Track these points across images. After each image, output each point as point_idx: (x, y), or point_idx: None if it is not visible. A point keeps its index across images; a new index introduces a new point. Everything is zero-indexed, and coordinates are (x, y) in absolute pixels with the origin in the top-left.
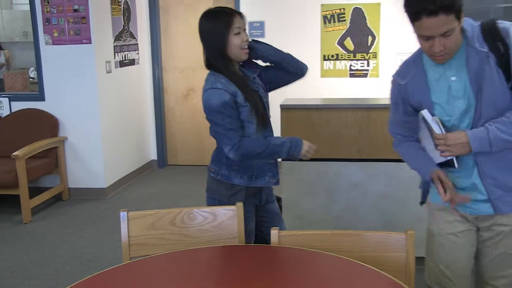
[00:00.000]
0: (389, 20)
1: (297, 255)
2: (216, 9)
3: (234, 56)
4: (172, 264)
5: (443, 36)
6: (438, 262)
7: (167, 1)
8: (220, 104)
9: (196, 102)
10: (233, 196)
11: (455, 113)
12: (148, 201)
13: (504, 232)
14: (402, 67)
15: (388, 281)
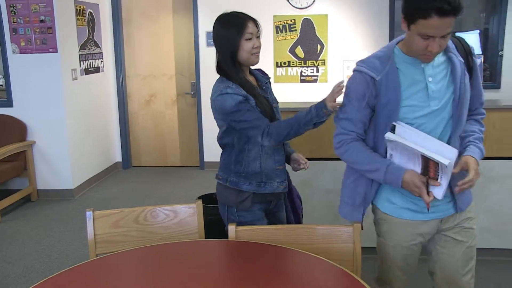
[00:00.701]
0: (336, 30)
1: (253, 248)
2: (230, 14)
3: (244, 61)
4: (136, 260)
5: (442, 37)
6: (394, 267)
7: (129, 12)
8: (234, 105)
9: (158, 107)
10: (242, 202)
11: (425, 112)
12: (113, 200)
13: (463, 226)
14: (374, 62)
15: (337, 270)
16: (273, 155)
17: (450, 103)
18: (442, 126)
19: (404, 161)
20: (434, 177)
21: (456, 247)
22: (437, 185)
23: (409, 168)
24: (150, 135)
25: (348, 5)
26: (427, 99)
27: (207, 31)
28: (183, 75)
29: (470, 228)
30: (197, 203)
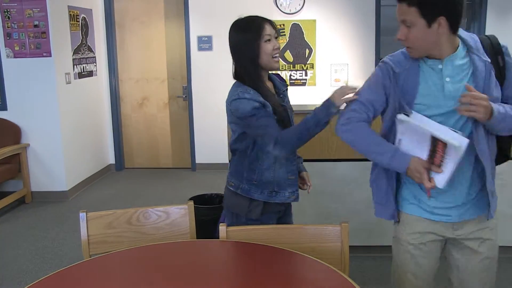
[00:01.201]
0: (324, 35)
1: (243, 248)
2: (245, 18)
3: (265, 64)
4: (129, 260)
5: (405, 26)
6: (406, 270)
7: (122, 17)
8: (250, 110)
9: (150, 110)
10: (251, 211)
11: (440, 112)
12: (106, 202)
13: (481, 237)
14: (399, 56)
15: (325, 269)
16: (286, 164)
17: None
18: (460, 126)
19: (413, 147)
20: (438, 164)
21: (471, 257)
22: (439, 172)
23: (416, 155)
24: (143, 138)
25: (335, 10)
26: (443, 98)
27: (198, 35)
28: (175, 78)
29: (488, 239)
30: (189, 204)
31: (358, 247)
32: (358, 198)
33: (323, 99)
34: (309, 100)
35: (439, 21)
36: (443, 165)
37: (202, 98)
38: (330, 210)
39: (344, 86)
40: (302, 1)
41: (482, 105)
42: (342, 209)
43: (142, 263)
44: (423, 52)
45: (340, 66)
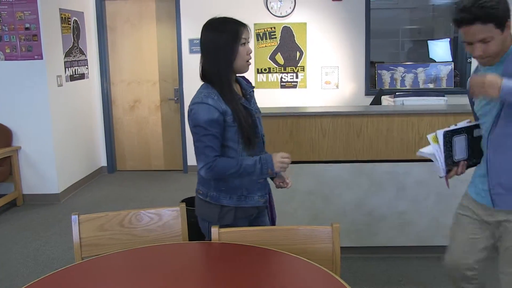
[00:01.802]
0: (314, 37)
1: (235, 250)
2: (221, 19)
3: (239, 68)
4: (121, 262)
5: (482, 42)
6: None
7: (114, 20)
8: (206, 121)
9: (142, 112)
10: (223, 217)
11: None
12: (98, 204)
13: (508, 228)
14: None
15: (317, 270)
16: None
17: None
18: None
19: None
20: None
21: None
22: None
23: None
24: (135, 140)
25: (326, 14)
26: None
27: (190, 38)
28: (167, 81)
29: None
30: (181, 206)
31: (349, 248)
32: (348, 199)
33: (314, 102)
34: (300, 102)
35: (507, 24)
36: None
37: None
38: (321, 212)
39: (284, 155)
40: (292, 4)
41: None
42: (332, 210)
43: (134, 266)
44: (497, 58)
45: (330, 68)
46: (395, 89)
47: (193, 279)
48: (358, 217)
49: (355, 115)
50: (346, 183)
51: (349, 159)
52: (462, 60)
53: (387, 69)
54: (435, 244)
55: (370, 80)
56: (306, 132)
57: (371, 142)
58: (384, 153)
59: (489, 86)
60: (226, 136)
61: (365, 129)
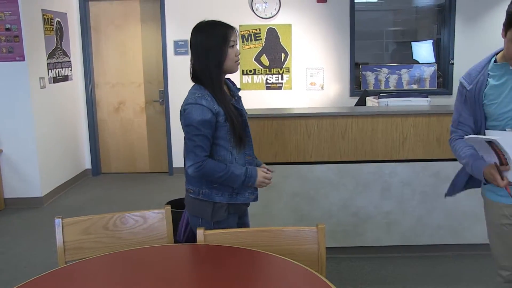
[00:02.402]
0: (299, 39)
1: (221, 251)
2: (211, 22)
3: (228, 68)
4: (105, 266)
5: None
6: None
7: (98, 21)
8: (199, 121)
9: (127, 114)
10: (216, 213)
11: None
12: (83, 207)
13: None
14: (471, 72)
15: (302, 271)
16: (245, 166)
17: None
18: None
19: (488, 156)
20: (505, 163)
21: None
22: (507, 169)
23: (492, 162)
24: (119, 142)
25: (310, 15)
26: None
27: (175, 40)
28: (151, 83)
29: None
30: (166, 209)
31: (335, 248)
32: (334, 200)
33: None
34: (285, 104)
35: None
36: (509, 162)
37: (179, 102)
38: (307, 213)
39: (267, 176)
40: (277, 5)
41: None
42: (318, 211)
43: (119, 269)
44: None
45: (315, 70)
46: (380, 90)
47: (178, 282)
48: (344, 217)
49: (340, 116)
50: (332, 184)
51: (334, 160)
52: (444, 62)
53: (371, 70)
54: (420, 243)
55: (355, 81)
56: (291, 133)
57: (356, 143)
58: (369, 153)
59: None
60: (217, 135)
61: (350, 130)
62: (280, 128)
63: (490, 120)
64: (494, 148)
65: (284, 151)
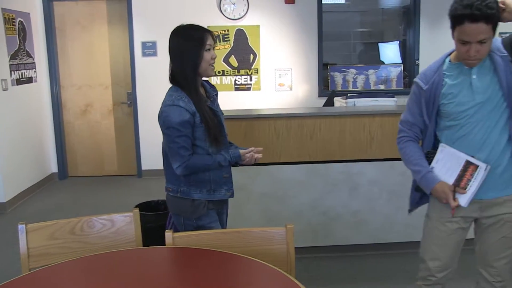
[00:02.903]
0: (268, 40)
1: (189, 254)
2: (188, 26)
3: (204, 72)
4: (71, 271)
5: (479, 43)
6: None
7: (63, 22)
8: (179, 122)
9: (94, 116)
10: (195, 210)
11: (471, 104)
12: (49, 212)
13: (503, 219)
14: (426, 72)
15: (272, 271)
16: None
17: (498, 95)
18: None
19: (442, 173)
20: (463, 186)
21: (492, 233)
22: (463, 193)
23: (443, 179)
24: (87, 145)
25: (279, 16)
26: (472, 94)
27: (143, 41)
28: (119, 85)
29: (509, 222)
30: (134, 212)
31: (305, 248)
32: (303, 200)
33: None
34: (254, 105)
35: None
36: (468, 187)
37: (147, 104)
38: (276, 213)
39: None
40: (246, 7)
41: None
42: (288, 211)
43: (87, 274)
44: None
45: (284, 70)
46: (347, 91)
47: (148, 285)
48: (313, 217)
49: (308, 116)
50: (301, 184)
51: (303, 160)
52: (410, 62)
53: (339, 71)
54: (389, 241)
55: (323, 82)
56: (260, 134)
57: (325, 143)
58: (337, 153)
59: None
60: (194, 136)
61: (319, 130)
62: (249, 129)
63: (447, 119)
64: (464, 170)
65: None
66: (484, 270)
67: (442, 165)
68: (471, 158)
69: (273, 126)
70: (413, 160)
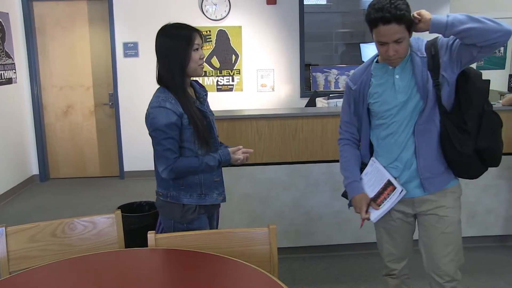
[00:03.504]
0: (250, 41)
1: (172, 255)
2: (175, 25)
3: (192, 72)
4: (52, 274)
5: (396, 43)
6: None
7: (43, 22)
8: (166, 124)
9: (75, 118)
10: (185, 215)
11: (394, 104)
12: (30, 215)
13: (438, 215)
14: (356, 72)
15: (255, 272)
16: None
17: (417, 96)
18: (416, 113)
19: (367, 186)
20: (378, 203)
21: (431, 231)
22: (376, 209)
23: (366, 191)
24: (68, 147)
25: (260, 17)
26: (395, 93)
27: (124, 42)
28: (101, 86)
29: (444, 216)
30: (116, 213)
31: (288, 248)
32: (286, 201)
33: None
34: (236, 105)
35: (412, 28)
36: (382, 205)
37: (129, 105)
38: (259, 214)
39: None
40: (227, 7)
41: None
42: (270, 212)
43: (68, 276)
44: (403, 59)
45: (266, 71)
46: (329, 91)
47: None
48: (296, 217)
49: (290, 117)
50: (283, 185)
51: (285, 161)
52: None
53: (321, 72)
54: (371, 241)
55: (305, 82)
56: (242, 134)
57: (307, 143)
58: (319, 154)
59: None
60: (182, 138)
61: (301, 131)
62: (231, 130)
63: (375, 118)
64: (384, 188)
65: None
66: (433, 272)
67: (369, 179)
68: (393, 179)
69: (255, 127)
70: (346, 167)
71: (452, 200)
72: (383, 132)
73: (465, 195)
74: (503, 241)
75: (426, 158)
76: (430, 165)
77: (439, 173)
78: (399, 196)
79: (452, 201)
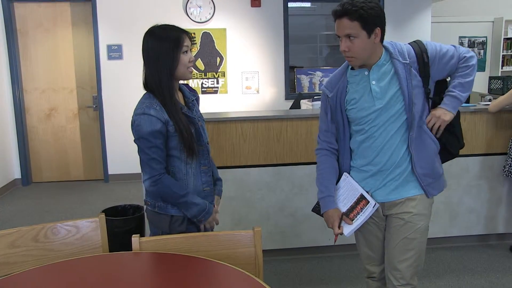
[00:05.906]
0: (234, 43)
1: (156, 258)
2: (163, 27)
3: (181, 75)
4: (34, 279)
5: (348, 38)
6: (359, 244)
7: (24, 24)
8: (149, 132)
9: (59, 121)
10: (173, 226)
11: (372, 110)
12: (11, 220)
13: (404, 219)
14: (331, 79)
15: (240, 274)
16: (200, 176)
17: (398, 101)
18: (398, 121)
19: (340, 200)
20: (351, 218)
21: (395, 234)
22: (349, 224)
23: (339, 206)
24: (51, 150)
25: (245, 19)
26: (372, 99)
27: (108, 44)
28: (84, 88)
29: (409, 222)
30: (100, 217)
31: (274, 251)
32: (271, 203)
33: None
34: (221, 108)
35: (375, 32)
36: (355, 219)
37: (113, 107)
38: (244, 216)
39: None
40: (212, 10)
41: (439, 119)
42: (256, 214)
43: (50, 282)
44: (362, 61)
45: (251, 73)
46: (314, 93)
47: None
48: (281, 219)
49: (275, 119)
50: (268, 187)
51: (270, 163)
52: None
53: (305, 74)
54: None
55: (290, 85)
56: (227, 137)
57: (291, 145)
58: (304, 155)
59: (444, 116)
60: (169, 145)
61: (285, 133)
62: (215, 132)
63: (353, 124)
64: (357, 202)
65: (220, 155)
66: (390, 273)
67: (341, 193)
68: (365, 193)
69: (240, 129)
70: (321, 180)
71: (422, 208)
72: (360, 137)
73: (447, 196)
74: (485, 240)
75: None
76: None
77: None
78: (372, 210)
79: (422, 208)
